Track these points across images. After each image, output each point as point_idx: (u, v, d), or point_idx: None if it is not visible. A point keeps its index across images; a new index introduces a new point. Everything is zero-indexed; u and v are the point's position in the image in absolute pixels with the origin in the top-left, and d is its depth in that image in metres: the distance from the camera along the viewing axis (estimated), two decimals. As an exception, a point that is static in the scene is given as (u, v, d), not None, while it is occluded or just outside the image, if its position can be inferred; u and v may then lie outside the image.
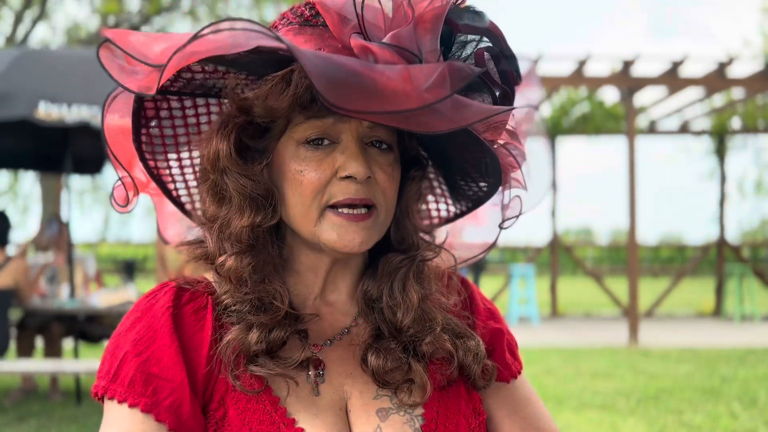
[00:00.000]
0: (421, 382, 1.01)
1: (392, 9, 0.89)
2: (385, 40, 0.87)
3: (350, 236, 0.98)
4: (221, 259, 1.00)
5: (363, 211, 0.99)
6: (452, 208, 1.19)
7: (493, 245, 1.19)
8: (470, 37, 0.92)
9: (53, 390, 6.24)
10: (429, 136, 1.06)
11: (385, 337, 1.04)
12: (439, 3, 0.88)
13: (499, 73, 0.93)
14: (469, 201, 1.16)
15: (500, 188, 1.08)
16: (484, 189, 1.11)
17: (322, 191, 0.98)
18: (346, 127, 0.98)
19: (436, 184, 1.18)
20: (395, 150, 1.03)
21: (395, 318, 1.04)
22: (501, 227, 1.12)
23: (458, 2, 0.92)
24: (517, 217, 1.09)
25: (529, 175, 1.06)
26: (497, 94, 0.92)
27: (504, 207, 1.11)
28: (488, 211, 1.16)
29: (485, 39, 0.92)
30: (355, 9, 0.89)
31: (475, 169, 1.07)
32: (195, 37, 0.85)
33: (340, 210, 0.98)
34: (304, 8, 0.98)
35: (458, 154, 1.06)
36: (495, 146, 1.01)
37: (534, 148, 1.06)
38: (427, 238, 1.12)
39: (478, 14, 0.94)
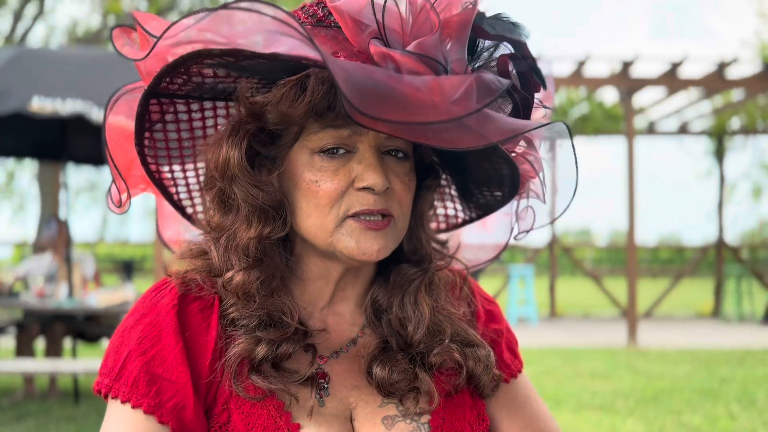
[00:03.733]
0: (428, 390, 1.00)
1: (412, 14, 0.85)
2: (409, 48, 0.84)
3: (368, 244, 0.95)
4: (229, 275, 0.97)
5: (380, 218, 0.96)
6: (461, 214, 1.17)
7: (500, 253, 1.18)
8: (491, 43, 0.90)
9: (51, 389, 6.23)
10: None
11: (392, 350, 1.02)
12: (459, 8, 0.85)
13: (521, 80, 0.90)
14: (480, 208, 1.13)
15: (516, 197, 1.06)
16: (498, 197, 1.09)
17: (338, 202, 0.95)
18: (363, 137, 0.96)
19: (447, 189, 1.16)
20: (411, 158, 1.01)
21: (405, 331, 1.02)
22: (516, 239, 1.10)
23: (474, 5, 0.87)
24: (530, 231, 1.07)
25: (546, 184, 1.03)
26: (518, 99, 0.90)
27: (517, 217, 1.09)
28: (497, 219, 1.14)
29: (508, 45, 0.90)
30: (375, 15, 0.85)
31: (494, 179, 1.05)
32: (224, 6, 0.82)
33: (358, 217, 0.95)
34: (316, 8, 0.95)
35: (476, 165, 1.04)
36: (513, 155, 0.99)
37: (560, 156, 1.03)
38: (438, 247, 1.10)
39: (507, 24, 0.91)
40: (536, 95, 0.94)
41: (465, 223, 1.17)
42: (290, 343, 0.97)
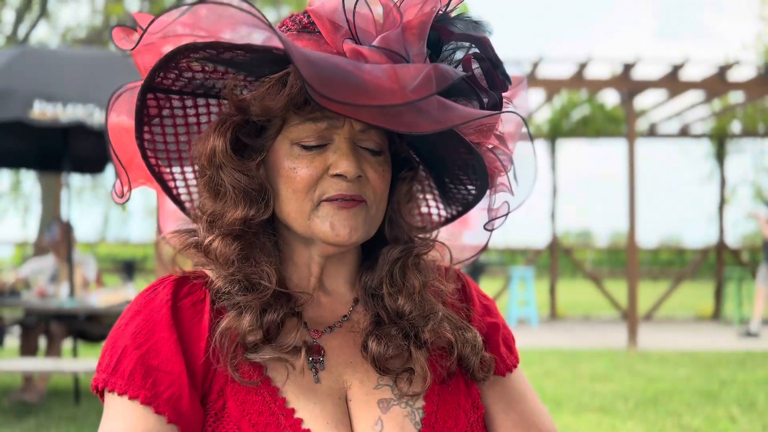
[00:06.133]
0: (422, 371, 1.03)
1: (382, 15, 0.92)
2: (374, 43, 0.90)
3: (341, 225, 1.00)
4: (208, 239, 1.02)
5: (352, 202, 1.02)
6: (443, 212, 1.22)
7: (484, 248, 1.23)
8: (459, 44, 0.96)
9: (25, 388, 6.05)
10: (418, 138, 1.10)
11: (385, 324, 1.06)
12: (428, 9, 0.92)
13: (487, 79, 0.96)
14: (459, 205, 1.19)
15: (488, 192, 1.11)
16: (473, 193, 1.14)
17: (314, 187, 1.01)
18: (339, 130, 1.02)
19: (428, 188, 1.21)
20: (386, 153, 1.07)
21: (396, 304, 1.06)
22: (486, 229, 1.14)
23: (448, 9, 0.95)
24: (503, 216, 1.11)
25: (515, 177, 1.09)
26: (485, 100, 0.96)
27: (492, 211, 1.14)
28: (478, 216, 1.19)
29: (474, 46, 0.96)
30: (345, 15, 0.92)
31: (463, 171, 1.10)
32: (200, 1, 0.89)
33: (332, 201, 1.01)
34: (302, 16, 1.02)
35: (447, 156, 1.09)
36: (483, 149, 1.04)
37: (521, 150, 1.09)
38: (420, 236, 1.15)
39: (469, 22, 0.97)
40: (505, 94, 1.00)
41: (448, 220, 1.22)
42: (274, 310, 1.01)
